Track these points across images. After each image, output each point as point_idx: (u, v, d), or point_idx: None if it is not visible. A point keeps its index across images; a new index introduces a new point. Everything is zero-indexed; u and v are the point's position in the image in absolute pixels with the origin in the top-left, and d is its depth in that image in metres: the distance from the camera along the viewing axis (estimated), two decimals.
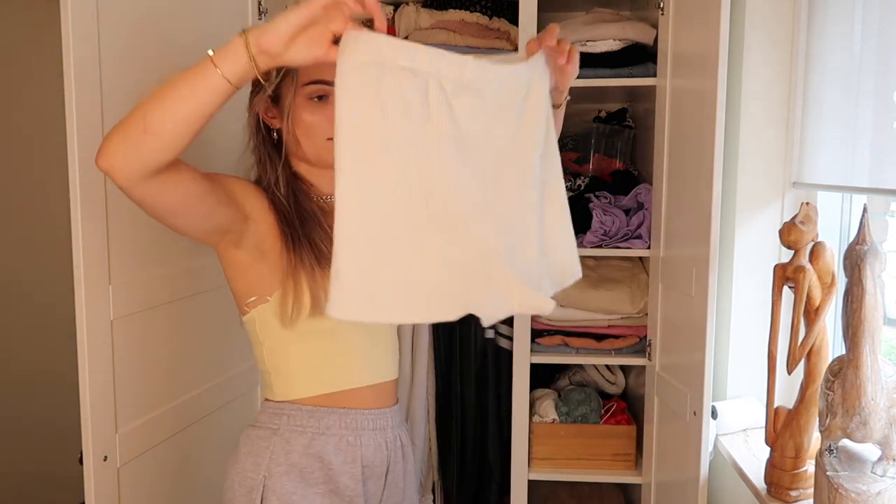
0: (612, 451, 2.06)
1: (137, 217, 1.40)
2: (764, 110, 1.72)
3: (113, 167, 0.91)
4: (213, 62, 0.88)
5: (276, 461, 1.19)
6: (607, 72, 1.92)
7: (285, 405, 1.22)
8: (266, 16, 1.86)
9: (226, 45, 0.88)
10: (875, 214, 1.58)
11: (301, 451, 1.20)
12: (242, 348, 1.82)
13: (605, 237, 1.95)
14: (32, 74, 2.54)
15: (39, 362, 2.61)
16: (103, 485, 1.31)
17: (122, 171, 0.92)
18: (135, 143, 0.90)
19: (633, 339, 2.02)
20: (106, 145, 0.91)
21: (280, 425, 1.21)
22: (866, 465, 1.22)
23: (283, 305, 1.15)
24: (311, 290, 1.14)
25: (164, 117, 0.89)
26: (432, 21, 2.06)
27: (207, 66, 0.88)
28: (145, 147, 0.90)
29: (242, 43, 0.87)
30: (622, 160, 2.19)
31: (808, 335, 1.34)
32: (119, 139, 0.91)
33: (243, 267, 1.18)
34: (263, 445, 1.20)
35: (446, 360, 2.11)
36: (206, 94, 0.89)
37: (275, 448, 1.20)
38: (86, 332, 1.26)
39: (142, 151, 0.91)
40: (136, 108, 0.91)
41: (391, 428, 1.28)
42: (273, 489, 1.17)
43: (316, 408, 1.21)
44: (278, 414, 1.22)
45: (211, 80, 0.88)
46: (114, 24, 1.31)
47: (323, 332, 1.18)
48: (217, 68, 0.88)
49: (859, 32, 1.47)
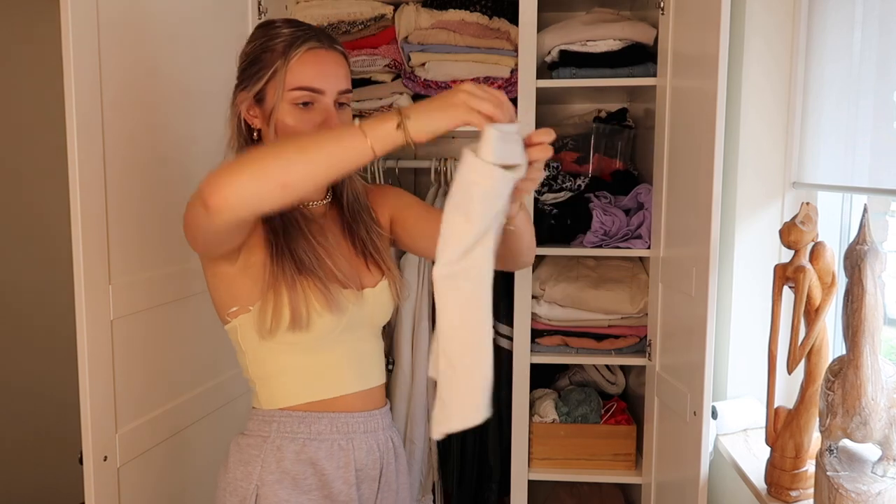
0: (612, 451, 2.06)
1: (137, 217, 1.41)
2: (764, 110, 1.72)
3: (227, 205, 0.93)
4: (363, 131, 0.91)
5: (267, 469, 1.17)
6: (607, 72, 1.92)
7: (275, 412, 1.20)
8: (266, 16, 1.86)
9: (378, 120, 0.91)
10: (875, 214, 1.58)
11: (293, 457, 1.18)
12: None
13: (606, 237, 1.95)
14: (32, 74, 2.54)
15: (39, 362, 2.61)
16: (103, 485, 1.31)
17: (234, 211, 0.94)
18: (266, 191, 0.92)
19: (633, 339, 2.02)
20: (226, 185, 0.92)
21: (270, 432, 1.19)
22: (866, 465, 1.22)
23: (262, 317, 1.13)
24: (291, 302, 1.12)
25: (307, 176, 0.93)
26: (432, 21, 2.06)
27: (356, 135, 0.91)
28: (274, 196, 0.93)
29: (398, 127, 0.90)
30: (622, 160, 2.19)
31: (809, 335, 1.34)
32: (246, 183, 0.92)
33: (228, 278, 1.17)
34: (254, 454, 1.18)
35: None
36: (351, 161, 0.93)
37: (266, 456, 1.18)
38: (86, 332, 1.26)
39: (267, 199, 0.94)
40: (271, 158, 0.93)
41: (382, 430, 1.27)
42: (265, 498, 1.15)
43: (306, 413, 1.19)
44: (268, 421, 1.20)
45: (359, 151, 0.91)
46: (114, 23, 1.31)
47: (304, 344, 1.17)
48: (366, 138, 0.91)
49: (859, 33, 1.47)
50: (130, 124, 1.38)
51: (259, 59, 1.15)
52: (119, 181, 1.34)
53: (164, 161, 1.49)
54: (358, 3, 2.09)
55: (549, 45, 1.96)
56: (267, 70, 1.14)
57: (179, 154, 1.55)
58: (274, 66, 1.13)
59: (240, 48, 1.20)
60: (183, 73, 1.55)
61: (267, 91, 1.15)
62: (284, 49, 1.13)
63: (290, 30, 1.15)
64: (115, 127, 1.32)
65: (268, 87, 1.15)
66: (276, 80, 1.13)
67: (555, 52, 1.96)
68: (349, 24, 2.10)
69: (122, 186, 1.35)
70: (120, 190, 1.34)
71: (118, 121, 1.33)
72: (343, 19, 2.10)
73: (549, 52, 1.97)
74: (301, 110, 1.14)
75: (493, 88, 0.93)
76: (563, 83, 1.93)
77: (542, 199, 2.02)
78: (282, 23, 1.17)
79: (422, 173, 2.37)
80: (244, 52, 1.19)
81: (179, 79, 1.54)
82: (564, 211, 2.01)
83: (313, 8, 2.11)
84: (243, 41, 1.20)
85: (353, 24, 2.10)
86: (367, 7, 2.09)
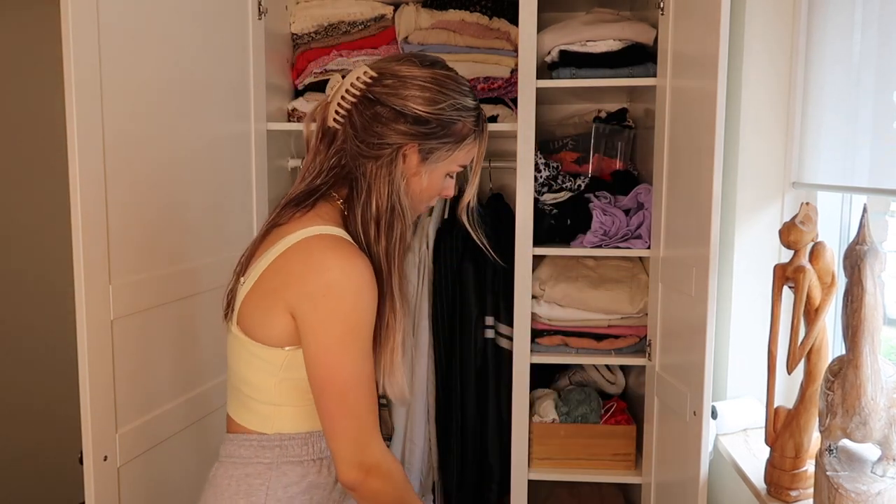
0: (612, 451, 2.06)
1: (137, 217, 1.41)
2: (764, 110, 1.72)
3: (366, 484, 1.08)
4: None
5: (273, 497, 1.13)
6: (607, 72, 1.92)
7: (274, 437, 1.15)
8: (265, 16, 1.86)
9: None
10: (875, 214, 1.58)
11: (298, 480, 1.15)
12: None
13: (605, 237, 1.95)
14: (32, 75, 2.54)
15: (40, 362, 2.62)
16: (103, 485, 1.31)
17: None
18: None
19: (633, 339, 2.02)
20: (375, 491, 1.09)
21: (273, 458, 1.14)
22: (866, 465, 1.22)
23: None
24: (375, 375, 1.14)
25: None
26: (432, 21, 2.06)
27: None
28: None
29: None
30: (622, 160, 2.19)
31: (808, 335, 1.34)
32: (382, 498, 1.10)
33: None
34: (258, 483, 1.13)
35: (446, 360, 2.10)
36: None
37: (272, 483, 1.13)
38: (86, 332, 1.26)
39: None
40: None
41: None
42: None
43: (310, 433, 1.16)
44: (267, 447, 1.14)
45: None
46: (114, 23, 1.31)
47: None
48: None
49: (859, 32, 1.47)
50: (130, 124, 1.38)
51: (449, 127, 1.14)
52: (119, 181, 1.34)
53: (164, 161, 1.49)
54: (358, 4, 2.09)
55: (549, 45, 1.96)
56: (454, 140, 1.16)
57: (180, 154, 1.55)
58: (463, 142, 1.17)
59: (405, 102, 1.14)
60: (183, 72, 1.55)
61: (438, 154, 1.16)
62: (474, 127, 1.17)
63: (475, 103, 1.19)
64: (116, 127, 1.32)
65: (441, 152, 1.16)
66: (454, 152, 1.16)
67: (555, 53, 1.96)
68: (349, 25, 2.10)
69: (122, 186, 1.35)
70: (120, 190, 1.34)
71: (118, 121, 1.33)
72: (343, 19, 2.10)
73: (549, 53, 1.97)
74: (447, 178, 1.20)
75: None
76: (563, 83, 1.93)
77: (542, 199, 2.02)
78: (469, 90, 1.19)
79: None
80: (434, 109, 1.13)
81: (180, 78, 1.54)
82: (564, 211, 2.01)
83: (313, 8, 2.11)
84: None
85: (353, 24, 2.10)
86: (367, 7, 2.09)
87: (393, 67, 1.14)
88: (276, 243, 1.10)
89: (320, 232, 1.09)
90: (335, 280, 1.05)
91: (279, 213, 1.16)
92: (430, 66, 1.15)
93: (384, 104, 1.12)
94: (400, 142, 1.12)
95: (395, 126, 1.11)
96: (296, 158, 2.17)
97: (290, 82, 2.16)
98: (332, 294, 1.05)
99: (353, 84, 1.13)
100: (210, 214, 1.65)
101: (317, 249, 1.07)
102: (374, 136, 1.12)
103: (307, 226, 1.10)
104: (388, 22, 2.10)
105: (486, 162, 2.14)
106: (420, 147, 1.13)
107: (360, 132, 1.12)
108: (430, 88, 1.12)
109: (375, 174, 1.12)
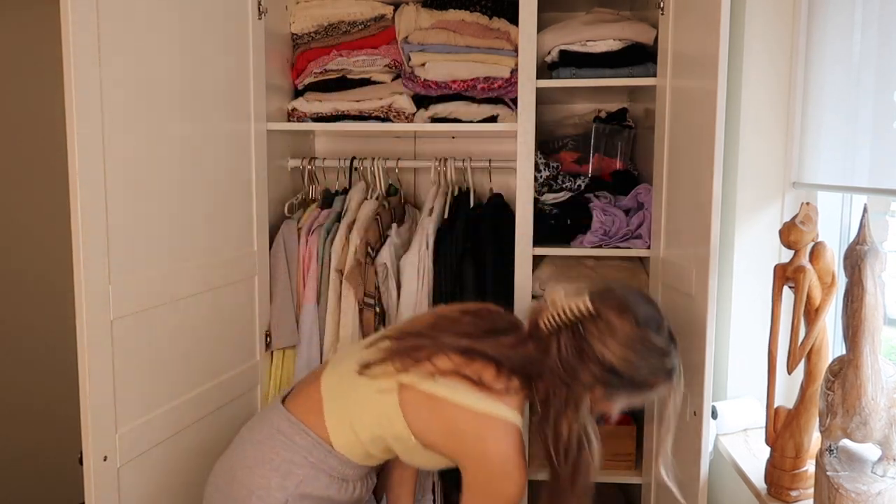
0: (612, 451, 2.05)
1: (137, 217, 1.41)
2: (764, 110, 1.72)
3: None
4: None
5: (300, 491, 1.27)
6: (607, 72, 1.92)
7: (324, 443, 1.29)
8: (265, 16, 1.86)
9: None
10: (875, 214, 1.58)
11: (323, 488, 1.29)
12: (242, 348, 1.82)
13: (605, 237, 1.95)
14: (32, 75, 2.53)
15: (40, 362, 2.61)
16: (103, 485, 1.31)
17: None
18: None
19: None
20: None
21: (316, 460, 1.28)
22: (866, 465, 1.22)
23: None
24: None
25: None
26: (432, 21, 2.06)
27: None
28: None
29: None
30: (622, 160, 2.19)
31: (809, 335, 1.34)
32: None
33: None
34: (296, 471, 1.28)
35: None
36: None
37: (305, 478, 1.28)
38: (86, 332, 1.26)
39: None
40: None
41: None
42: (308, 483, 1.28)
43: (355, 464, 1.32)
44: (317, 447, 1.29)
45: None
46: (114, 23, 1.31)
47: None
48: None
49: (859, 33, 1.47)
50: (130, 124, 1.38)
51: (640, 384, 1.26)
52: (119, 181, 1.34)
53: (164, 161, 1.49)
54: (358, 4, 2.09)
55: (549, 45, 1.96)
56: (641, 391, 1.26)
57: (179, 153, 1.55)
58: (650, 392, 1.28)
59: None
60: (183, 72, 1.55)
61: (620, 397, 1.27)
62: (666, 382, 1.28)
63: (673, 363, 1.27)
64: (115, 127, 1.32)
65: (624, 398, 1.27)
66: (638, 397, 1.27)
67: (555, 52, 1.96)
68: (349, 25, 2.10)
69: (122, 186, 1.35)
70: (120, 190, 1.34)
71: (118, 121, 1.33)
72: (343, 19, 2.10)
73: (549, 52, 1.97)
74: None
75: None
76: (563, 83, 1.92)
77: (542, 199, 2.02)
78: (674, 348, 1.27)
79: (422, 173, 2.37)
80: (629, 368, 1.24)
81: (180, 78, 1.54)
82: (564, 211, 2.01)
83: (313, 8, 2.11)
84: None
85: (353, 24, 2.10)
86: (367, 7, 2.09)
87: (610, 315, 1.23)
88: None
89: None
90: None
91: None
92: (643, 325, 1.24)
93: (589, 343, 1.22)
94: (590, 382, 1.24)
95: (591, 367, 1.22)
96: (295, 158, 2.17)
97: (290, 82, 2.16)
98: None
99: (570, 308, 1.24)
100: (210, 214, 1.65)
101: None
102: (571, 368, 1.24)
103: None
104: (388, 22, 2.10)
105: (486, 162, 2.14)
106: (606, 391, 1.25)
107: (563, 355, 1.24)
108: (634, 349, 1.22)
109: (563, 400, 1.26)
